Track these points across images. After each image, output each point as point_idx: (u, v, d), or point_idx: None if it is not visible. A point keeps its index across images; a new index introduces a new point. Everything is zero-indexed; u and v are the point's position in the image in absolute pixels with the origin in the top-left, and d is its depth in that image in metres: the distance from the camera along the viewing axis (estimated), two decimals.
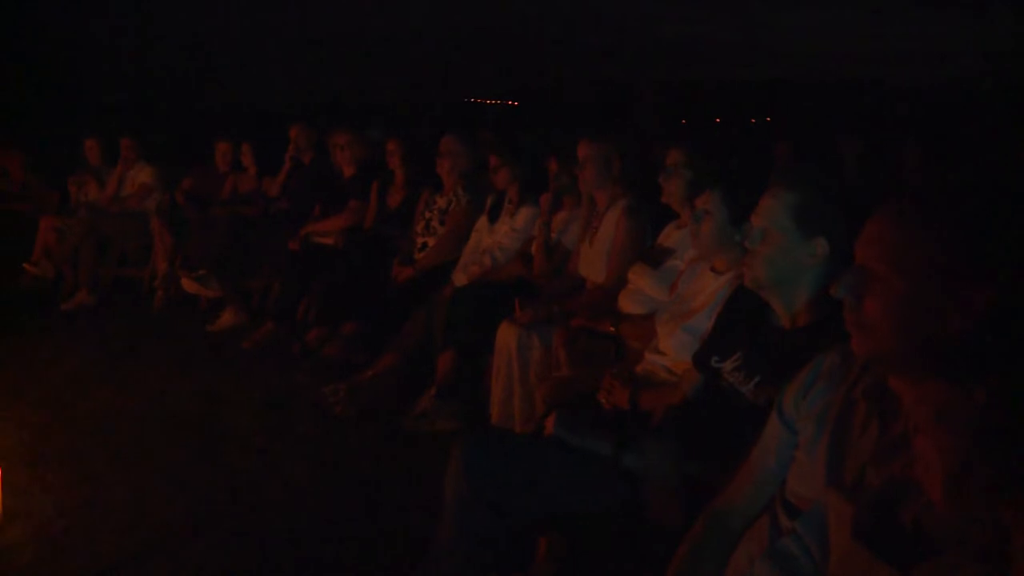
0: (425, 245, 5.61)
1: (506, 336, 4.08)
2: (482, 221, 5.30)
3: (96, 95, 8.80)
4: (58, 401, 4.93)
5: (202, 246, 6.62)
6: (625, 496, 2.39)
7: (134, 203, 7.49)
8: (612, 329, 3.69)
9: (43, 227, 7.48)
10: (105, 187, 7.70)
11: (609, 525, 2.45)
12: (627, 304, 3.82)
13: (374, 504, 3.71)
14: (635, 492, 2.38)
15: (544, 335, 3.98)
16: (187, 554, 3.31)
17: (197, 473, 4.00)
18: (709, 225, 2.89)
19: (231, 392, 5.05)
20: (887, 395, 1.39)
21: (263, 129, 7.80)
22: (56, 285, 7.35)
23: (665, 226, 4.01)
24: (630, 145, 4.50)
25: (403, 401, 4.65)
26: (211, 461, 4.13)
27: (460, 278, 5.01)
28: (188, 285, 6.53)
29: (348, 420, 4.59)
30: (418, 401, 4.56)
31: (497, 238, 5.07)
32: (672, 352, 2.98)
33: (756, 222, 2.25)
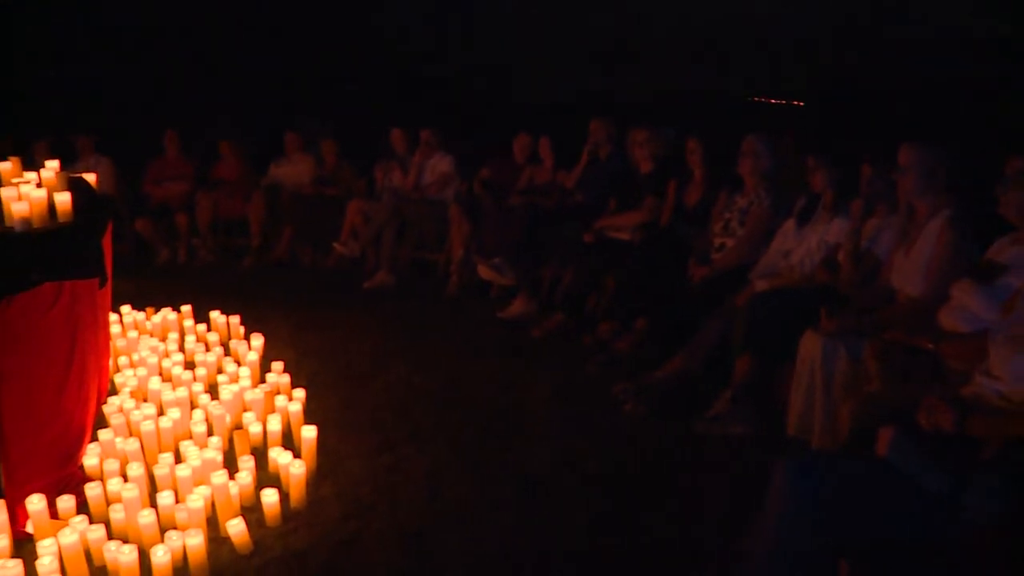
0: (723, 246, 5.59)
1: (810, 345, 4.00)
2: (788, 224, 5.20)
3: (401, 88, 9.51)
4: (361, 373, 5.40)
5: (498, 235, 6.97)
6: (949, 530, 2.30)
7: (434, 191, 8.00)
8: (930, 346, 3.52)
9: (351, 210, 8.17)
10: (408, 175, 8.25)
11: (923, 557, 2.37)
12: (948, 321, 3.63)
13: (660, 504, 3.77)
14: (960, 527, 2.28)
15: (852, 346, 3.87)
16: (479, 533, 3.53)
17: (489, 455, 4.25)
18: None
19: (521, 379, 5.28)
20: None
21: (561, 123, 8.03)
22: (360, 264, 7.99)
23: (995, 240, 3.75)
24: (957, 152, 4.26)
25: (694, 403, 4.67)
26: (503, 445, 4.36)
27: (761, 283, 4.95)
28: (483, 272, 6.90)
29: (638, 417, 4.67)
30: (711, 404, 4.57)
31: (807, 245, 4.95)
32: (1008, 378, 2.81)
33: None
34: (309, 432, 3.99)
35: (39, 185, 4.21)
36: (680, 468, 4.12)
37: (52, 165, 4.42)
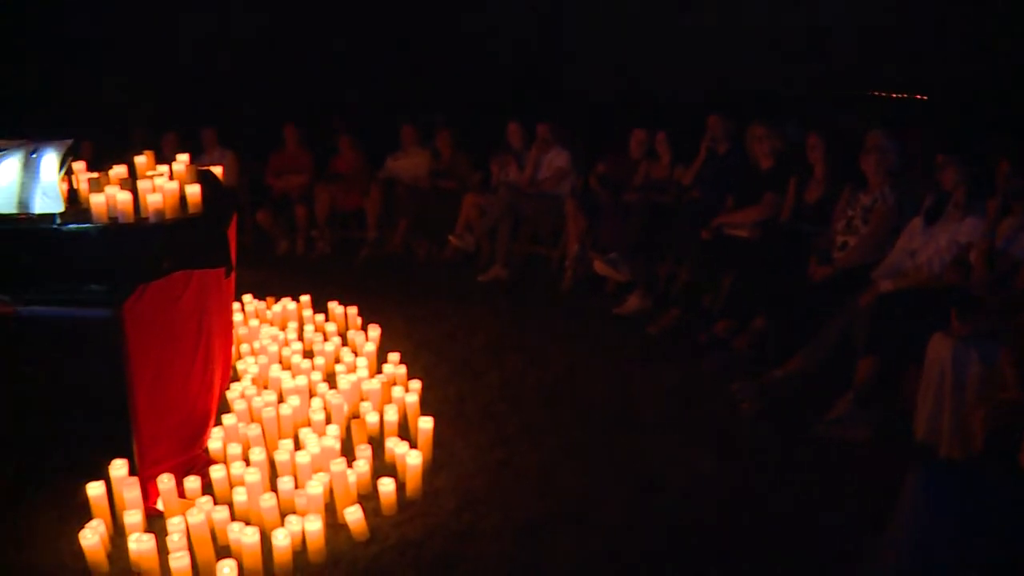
0: (845, 244, 5.46)
1: (940, 348, 3.89)
2: (915, 222, 5.04)
3: (517, 81, 9.58)
4: (475, 366, 5.47)
5: (614, 230, 6.97)
6: None
7: (550, 185, 8.01)
8: None
9: (466, 203, 8.26)
10: (524, 169, 8.29)
11: None
12: None
13: (777, 507, 3.72)
14: None
15: (985, 351, 3.74)
16: (592, 529, 3.55)
17: (602, 452, 4.26)
18: None
19: (636, 376, 5.28)
20: None
21: (678, 118, 7.96)
22: (474, 258, 8.08)
23: None
24: None
25: (813, 404, 4.58)
26: (617, 442, 4.36)
27: (885, 283, 4.81)
28: (600, 267, 6.90)
29: (756, 418, 4.61)
30: (831, 405, 4.47)
31: (935, 245, 4.79)
32: None
33: None
34: (426, 423, 4.07)
35: (170, 178, 4.39)
36: (797, 471, 4.05)
37: (182, 158, 4.61)
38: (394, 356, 5.08)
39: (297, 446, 4.05)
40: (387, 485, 3.64)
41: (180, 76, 10.97)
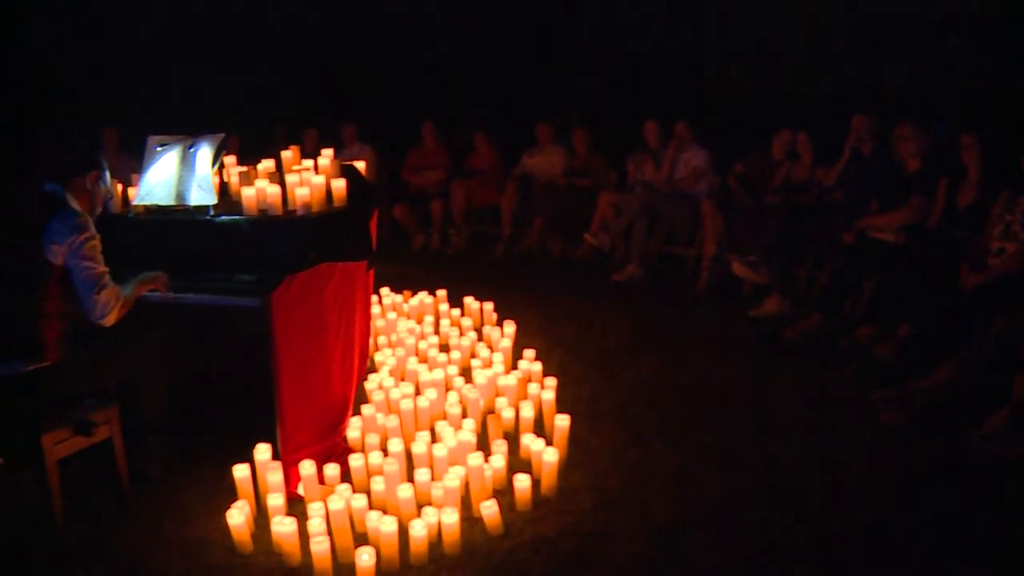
0: (1002, 250, 5.18)
1: None
2: None
3: (654, 79, 9.45)
4: (609, 365, 5.43)
5: (752, 232, 6.81)
6: None
7: (687, 185, 7.90)
8: None
9: (602, 202, 8.22)
10: (660, 168, 8.20)
11: None
12: None
13: (920, 523, 3.54)
14: None
15: None
16: (728, 534, 3.47)
17: (739, 456, 4.15)
18: None
19: (773, 380, 5.14)
20: None
21: (821, 117, 7.72)
22: (609, 256, 8.04)
23: None
24: None
25: (961, 417, 4.37)
26: (753, 447, 4.25)
27: None
28: (738, 269, 6.76)
29: (898, 429, 4.42)
30: (981, 420, 4.25)
31: None
32: None
33: None
34: (562, 421, 4.05)
35: (316, 172, 4.50)
36: (941, 486, 3.85)
37: (327, 153, 4.72)
38: (529, 353, 5.09)
39: (433, 438, 4.09)
40: (522, 481, 3.64)
41: (323, 72, 11.26)
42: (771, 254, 6.58)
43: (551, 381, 4.62)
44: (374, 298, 5.70)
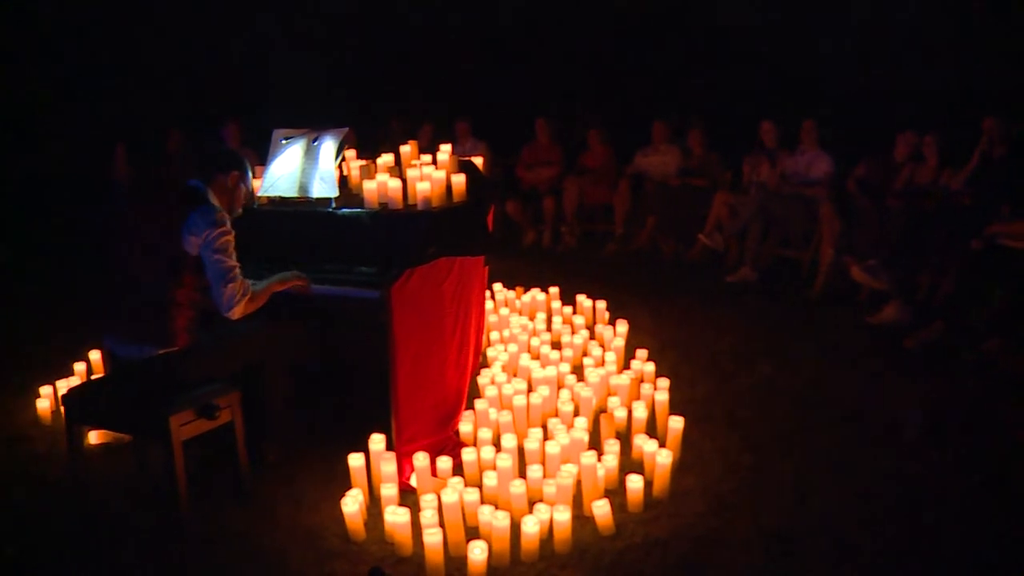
0: None
1: None
2: None
3: (771, 79, 9.24)
4: (722, 369, 5.35)
5: (873, 236, 6.61)
6: None
7: (805, 188, 7.70)
8: None
9: (717, 202, 8.10)
10: (776, 168, 8.02)
11: None
12: None
13: None
14: None
15: None
16: (849, 546, 3.36)
17: (859, 466, 4.02)
18: None
19: (892, 390, 4.97)
20: None
21: (949, 118, 7.45)
22: (722, 258, 7.91)
23: None
24: None
25: None
26: (873, 458, 4.11)
27: None
28: (857, 274, 6.56)
29: None
30: None
31: None
32: None
33: None
34: (676, 423, 4.00)
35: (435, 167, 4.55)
36: None
37: (445, 148, 4.76)
38: (642, 353, 5.04)
39: (545, 436, 4.09)
40: (635, 482, 3.60)
41: (439, 68, 11.37)
42: (892, 259, 6.37)
43: (664, 382, 4.56)
44: (487, 293, 5.74)
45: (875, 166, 7.63)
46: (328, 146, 4.44)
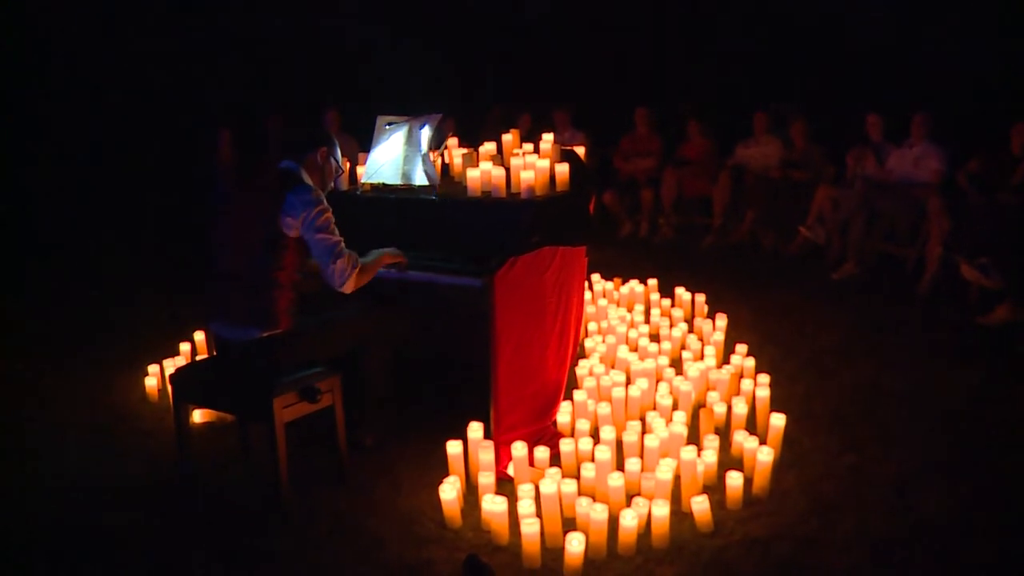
0: None
1: None
2: None
3: (878, 71, 8.94)
4: (823, 365, 5.21)
5: (985, 233, 6.35)
6: None
7: (911, 188, 7.44)
8: None
9: (819, 195, 7.89)
10: (883, 162, 7.79)
11: None
12: None
13: None
14: None
15: None
16: (954, 552, 3.23)
17: (967, 471, 3.86)
18: None
19: (1004, 394, 4.76)
20: None
21: None
22: (824, 252, 7.72)
23: None
24: None
25: None
26: (981, 463, 3.94)
27: None
28: (967, 272, 6.32)
29: None
30: None
31: None
32: None
33: None
34: (778, 420, 3.91)
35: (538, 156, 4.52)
36: None
37: (548, 137, 4.73)
38: (741, 347, 4.95)
39: (644, 429, 4.04)
40: (735, 479, 3.54)
41: (539, 57, 11.33)
42: (1005, 258, 6.12)
43: (764, 378, 4.47)
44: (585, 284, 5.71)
45: (989, 160, 7.34)
46: (428, 133, 4.46)
